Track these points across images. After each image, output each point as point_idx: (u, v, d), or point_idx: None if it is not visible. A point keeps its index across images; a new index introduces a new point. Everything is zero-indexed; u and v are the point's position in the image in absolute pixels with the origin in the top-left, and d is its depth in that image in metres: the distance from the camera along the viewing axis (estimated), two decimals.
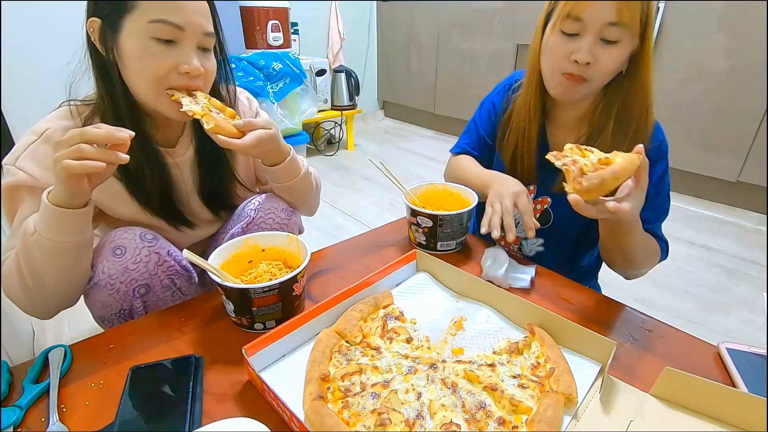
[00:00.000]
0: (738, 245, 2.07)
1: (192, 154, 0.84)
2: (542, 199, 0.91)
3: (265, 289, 0.60)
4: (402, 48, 3.82)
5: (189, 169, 0.84)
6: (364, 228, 2.16)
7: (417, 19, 3.61)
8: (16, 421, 0.50)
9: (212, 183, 0.86)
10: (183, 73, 0.69)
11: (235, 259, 0.70)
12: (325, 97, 3.17)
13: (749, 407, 0.48)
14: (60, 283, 0.67)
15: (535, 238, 0.94)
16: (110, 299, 0.71)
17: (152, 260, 0.73)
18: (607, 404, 0.52)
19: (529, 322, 0.61)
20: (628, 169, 0.60)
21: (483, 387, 0.52)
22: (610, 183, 0.59)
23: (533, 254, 0.95)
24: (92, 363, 0.59)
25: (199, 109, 0.69)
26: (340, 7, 3.54)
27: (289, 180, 0.85)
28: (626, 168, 0.60)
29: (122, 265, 0.71)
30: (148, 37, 0.66)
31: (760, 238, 2.12)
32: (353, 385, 0.53)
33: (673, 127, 2.36)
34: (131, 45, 0.67)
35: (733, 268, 1.90)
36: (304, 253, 0.68)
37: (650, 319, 0.69)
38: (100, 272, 0.70)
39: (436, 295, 0.71)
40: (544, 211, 0.91)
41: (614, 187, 0.60)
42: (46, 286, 0.66)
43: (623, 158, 0.61)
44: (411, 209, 0.84)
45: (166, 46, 0.67)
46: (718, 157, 2.29)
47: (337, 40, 3.57)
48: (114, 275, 0.70)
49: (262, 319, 0.63)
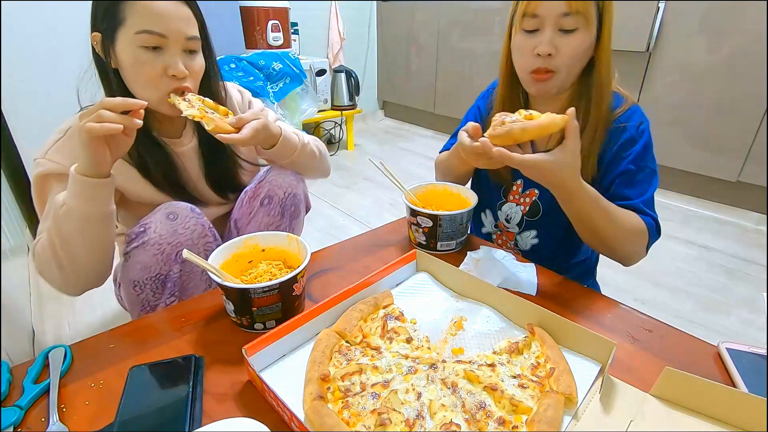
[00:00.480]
0: (738, 245, 2.07)
1: (195, 144, 0.93)
2: (530, 192, 0.93)
3: (265, 289, 0.60)
4: (402, 48, 3.82)
5: (194, 156, 0.93)
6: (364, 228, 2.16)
7: (417, 19, 3.61)
8: (16, 421, 0.50)
9: (217, 168, 0.94)
10: (171, 77, 0.77)
11: (235, 259, 0.71)
12: (325, 97, 3.17)
13: (749, 407, 0.48)
14: (89, 253, 0.73)
15: (528, 231, 0.95)
16: (154, 260, 0.78)
17: (197, 231, 0.82)
18: (607, 404, 0.52)
19: (529, 322, 0.61)
20: (544, 126, 0.64)
21: (483, 387, 0.52)
22: (517, 134, 0.65)
23: (529, 247, 0.96)
24: (92, 363, 0.59)
25: (197, 112, 0.76)
26: (340, 6, 3.54)
27: (288, 156, 0.94)
28: (542, 125, 0.64)
29: (173, 228, 0.79)
30: (137, 47, 0.74)
31: (760, 238, 2.12)
32: (353, 385, 0.53)
33: (673, 127, 2.37)
34: (124, 55, 0.75)
35: (733, 268, 1.90)
36: (304, 253, 0.68)
37: (650, 319, 0.69)
38: (152, 232, 0.78)
39: (436, 295, 0.71)
40: (533, 203, 0.92)
41: (523, 139, 0.65)
42: (76, 256, 0.72)
43: (545, 117, 0.65)
44: (411, 209, 0.84)
45: (153, 53, 0.75)
46: (718, 157, 2.29)
47: (337, 40, 3.57)
48: (164, 236, 0.78)
49: (262, 319, 0.63)
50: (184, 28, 0.77)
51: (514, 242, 0.98)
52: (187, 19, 0.78)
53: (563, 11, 0.72)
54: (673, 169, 2.45)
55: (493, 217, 1.00)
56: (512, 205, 0.95)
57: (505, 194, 0.96)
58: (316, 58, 3.12)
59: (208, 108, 0.81)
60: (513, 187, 0.95)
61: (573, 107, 0.65)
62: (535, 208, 0.92)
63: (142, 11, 0.73)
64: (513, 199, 0.95)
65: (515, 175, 0.94)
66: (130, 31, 0.73)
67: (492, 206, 1.00)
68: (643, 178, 0.80)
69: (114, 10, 0.73)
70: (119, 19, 0.73)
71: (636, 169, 0.79)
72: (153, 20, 0.73)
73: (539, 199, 0.91)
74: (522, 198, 0.94)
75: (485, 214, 1.03)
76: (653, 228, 0.79)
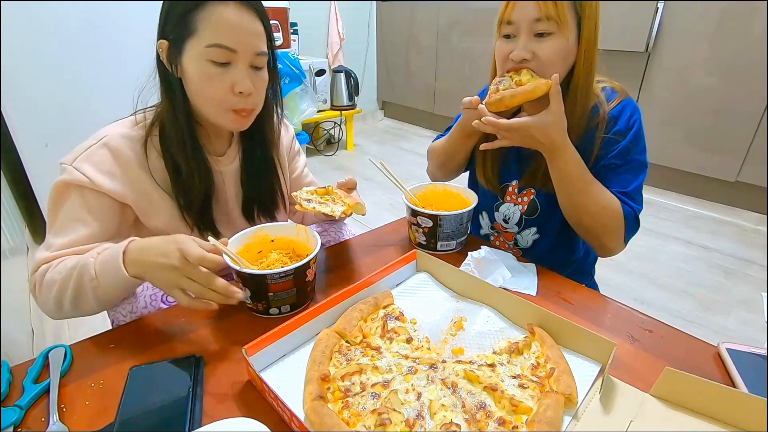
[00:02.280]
0: (737, 245, 2.07)
1: (237, 165, 0.88)
2: (527, 191, 0.93)
3: (281, 274, 0.63)
4: (401, 48, 3.82)
5: (233, 178, 0.87)
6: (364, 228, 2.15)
7: (417, 19, 3.61)
8: (16, 421, 0.50)
9: (255, 192, 0.89)
10: (237, 93, 0.73)
11: (246, 249, 0.73)
12: (324, 98, 3.17)
13: (749, 407, 0.48)
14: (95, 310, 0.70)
15: (528, 229, 0.95)
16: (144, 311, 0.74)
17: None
18: (607, 404, 0.52)
19: (529, 323, 0.61)
20: (529, 91, 0.73)
21: (483, 387, 0.52)
22: (508, 100, 0.75)
23: (530, 244, 0.96)
24: (92, 363, 0.59)
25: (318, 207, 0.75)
26: (340, 7, 3.54)
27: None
28: (528, 90, 0.73)
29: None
30: (206, 60, 0.70)
31: (759, 238, 2.12)
32: (353, 385, 0.53)
33: (672, 128, 2.37)
34: (192, 67, 0.71)
35: (732, 268, 1.90)
36: (313, 241, 0.71)
37: (650, 319, 0.69)
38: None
39: (436, 295, 0.71)
40: (531, 202, 0.93)
41: (513, 104, 0.75)
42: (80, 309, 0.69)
43: (530, 84, 0.74)
44: (411, 209, 0.85)
45: (221, 68, 0.71)
46: (717, 157, 2.29)
47: (336, 40, 3.57)
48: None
49: (277, 304, 0.66)
50: (255, 44, 0.72)
51: (513, 242, 0.98)
52: (258, 34, 0.73)
53: (535, 16, 0.73)
54: (673, 170, 2.45)
55: (490, 219, 1.01)
56: (510, 205, 0.96)
57: (501, 195, 0.96)
58: (315, 58, 3.12)
59: (320, 197, 0.79)
60: (509, 188, 0.95)
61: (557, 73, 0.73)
62: (533, 206, 0.92)
63: (216, 23, 0.68)
64: (510, 200, 0.95)
65: (503, 178, 0.96)
66: (201, 44, 0.69)
67: (488, 208, 1.00)
68: (628, 170, 0.82)
69: (186, 19, 0.68)
70: (191, 30, 0.69)
71: (621, 163, 0.81)
72: (226, 34, 0.69)
73: (536, 197, 0.92)
74: (519, 198, 0.94)
75: (482, 216, 1.03)
76: (630, 216, 0.80)
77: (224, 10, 0.68)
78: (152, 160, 0.75)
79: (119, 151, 0.73)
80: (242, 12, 0.69)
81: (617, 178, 0.81)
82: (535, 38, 0.75)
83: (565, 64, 0.78)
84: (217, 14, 0.68)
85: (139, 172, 0.74)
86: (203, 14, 0.68)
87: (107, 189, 0.71)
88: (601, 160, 0.82)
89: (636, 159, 0.82)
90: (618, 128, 0.81)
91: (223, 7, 0.68)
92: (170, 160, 0.76)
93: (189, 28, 0.69)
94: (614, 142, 0.81)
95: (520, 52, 0.76)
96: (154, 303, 0.72)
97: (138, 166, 0.74)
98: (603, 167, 0.82)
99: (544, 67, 0.77)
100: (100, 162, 0.72)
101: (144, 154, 0.75)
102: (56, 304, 0.68)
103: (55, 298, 0.67)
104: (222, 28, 0.69)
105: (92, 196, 0.71)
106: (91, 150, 0.73)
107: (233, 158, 0.87)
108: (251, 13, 0.71)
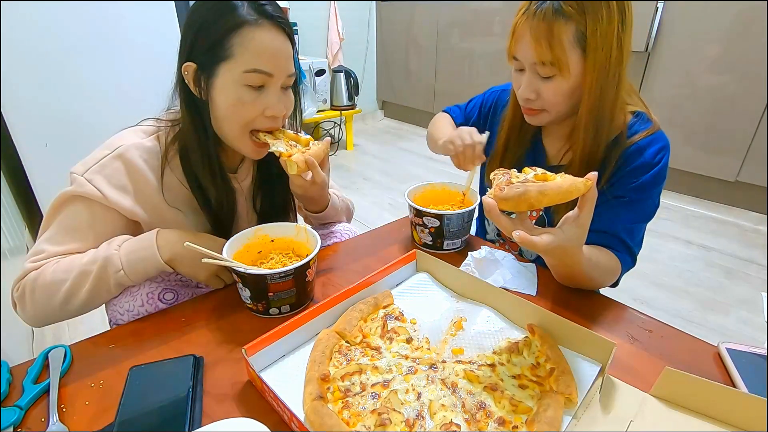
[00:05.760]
0: (737, 245, 2.07)
1: (250, 181, 0.88)
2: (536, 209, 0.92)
3: (281, 274, 0.63)
4: (401, 48, 3.82)
5: (246, 193, 0.87)
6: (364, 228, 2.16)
7: (417, 19, 3.61)
8: (16, 421, 0.50)
9: (267, 207, 0.90)
10: (269, 116, 0.72)
11: (246, 249, 0.74)
12: (324, 97, 3.17)
13: (749, 407, 0.48)
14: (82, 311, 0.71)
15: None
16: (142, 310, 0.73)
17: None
18: (607, 404, 0.52)
19: (529, 323, 0.61)
20: (564, 191, 0.54)
21: (483, 387, 0.52)
22: (533, 198, 0.54)
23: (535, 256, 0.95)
24: (92, 363, 0.59)
25: (284, 149, 0.73)
26: (340, 7, 3.54)
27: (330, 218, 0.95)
28: (562, 189, 0.54)
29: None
30: (242, 85, 0.68)
31: (759, 238, 2.12)
32: (353, 385, 0.53)
33: (671, 127, 2.37)
34: (225, 92, 0.69)
35: (732, 268, 1.90)
36: (313, 241, 0.71)
37: (650, 319, 0.69)
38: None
39: (436, 296, 0.71)
40: (540, 218, 0.92)
41: (540, 205, 0.55)
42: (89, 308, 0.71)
43: (564, 179, 0.56)
44: (416, 210, 0.84)
45: (256, 92, 0.70)
46: (717, 157, 2.30)
47: (336, 41, 3.57)
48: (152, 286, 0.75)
49: (277, 304, 0.67)
50: (287, 65, 0.72)
51: (519, 252, 0.98)
52: (289, 56, 0.72)
53: (534, 60, 0.72)
54: (673, 169, 2.44)
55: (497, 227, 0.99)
56: None
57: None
58: (315, 58, 3.12)
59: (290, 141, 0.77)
60: None
61: (595, 171, 0.57)
62: (540, 221, 0.92)
63: (255, 49, 0.67)
64: None
65: None
66: (238, 69, 0.67)
67: None
68: (640, 209, 0.78)
69: (222, 44, 0.66)
70: (226, 55, 0.67)
71: (635, 198, 0.76)
72: (264, 59, 0.68)
73: (544, 214, 0.91)
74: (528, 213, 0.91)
75: (488, 223, 1.03)
76: (627, 264, 0.78)
77: (260, 33, 0.67)
78: (167, 175, 0.74)
79: (133, 165, 0.71)
80: (276, 34, 0.69)
81: (626, 213, 0.77)
82: (540, 77, 0.74)
83: (571, 101, 0.75)
84: (254, 39, 0.67)
85: (152, 189, 0.73)
86: (240, 38, 0.66)
87: (118, 205, 0.70)
88: (616, 190, 0.77)
89: (650, 201, 0.78)
90: (642, 161, 0.75)
91: (259, 31, 0.67)
92: (194, 180, 0.75)
93: (224, 52, 0.67)
94: (634, 176, 0.76)
95: (524, 91, 0.75)
96: (151, 301, 0.71)
97: (151, 182, 0.73)
98: (615, 198, 0.77)
99: (549, 106, 0.76)
100: (112, 175, 0.70)
101: (159, 170, 0.73)
102: (63, 303, 0.68)
103: (64, 298, 0.67)
104: (260, 52, 0.67)
105: (101, 210, 0.70)
106: (105, 161, 0.70)
107: (246, 175, 0.87)
108: (283, 34, 0.70)
